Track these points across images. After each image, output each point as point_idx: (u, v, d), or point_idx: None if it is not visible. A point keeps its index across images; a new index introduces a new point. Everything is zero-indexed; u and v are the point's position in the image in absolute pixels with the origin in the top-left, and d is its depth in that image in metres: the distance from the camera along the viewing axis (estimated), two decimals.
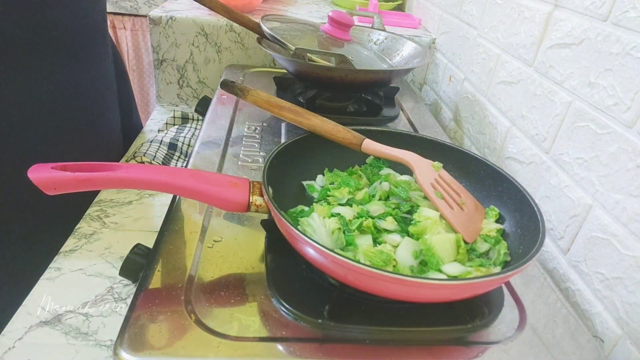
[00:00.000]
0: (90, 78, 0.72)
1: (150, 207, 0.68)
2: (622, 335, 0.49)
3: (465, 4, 0.96)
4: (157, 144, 0.82)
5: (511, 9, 0.77)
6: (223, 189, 0.47)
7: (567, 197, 0.60)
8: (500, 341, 0.43)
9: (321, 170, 0.60)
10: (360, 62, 0.79)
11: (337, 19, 0.83)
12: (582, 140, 0.58)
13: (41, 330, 0.47)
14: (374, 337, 0.42)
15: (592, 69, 0.57)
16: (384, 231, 0.50)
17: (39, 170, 0.41)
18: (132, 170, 0.45)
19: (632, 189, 0.49)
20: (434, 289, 0.39)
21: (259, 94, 0.62)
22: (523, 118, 0.71)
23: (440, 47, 1.11)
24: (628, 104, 0.51)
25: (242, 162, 0.67)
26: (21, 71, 0.58)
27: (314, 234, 0.47)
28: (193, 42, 1.05)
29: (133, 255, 0.50)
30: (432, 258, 0.46)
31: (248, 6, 1.13)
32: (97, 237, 0.61)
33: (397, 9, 1.47)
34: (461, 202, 0.53)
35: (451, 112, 1.01)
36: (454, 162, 0.59)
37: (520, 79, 0.73)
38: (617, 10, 0.53)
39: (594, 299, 0.54)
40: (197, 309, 0.42)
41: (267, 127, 0.78)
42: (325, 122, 0.58)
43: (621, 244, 0.50)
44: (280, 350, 0.40)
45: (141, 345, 0.38)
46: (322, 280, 0.47)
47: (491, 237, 0.51)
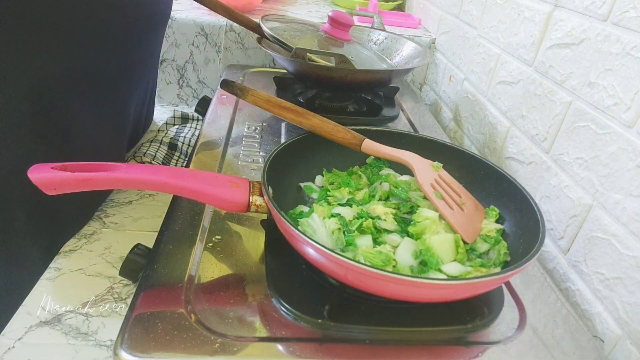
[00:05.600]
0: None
1: (150, 207, 0.68)
2: (622, 335, 0.49)
3: (465, 4, 0.96)
4: (157, 144, 0.82)
5: (511, 9, 0.77)
6: (223, 189, 0.47)
7: (567, 197, 0.60)
8: (500, 341, 0.43)
9: (321, 171, 0.60)
10: (360, 62, 0.79)
11: (337, 19, 0.83)
12: (582, 140, 0.58)
13: (41, 330, 0.47)
14: (373, 337, 0.42)
15: (592, 69, 0.57)
16: (384, 231, 0.50)
17: (38, 170, 0.41)
18: (132, 170, 0.45)
19: (632, 189, 0.49)
20: (434, 289, 0.39)
21: (259, 94, 0.62)
22: (523, 118, 0.71)
23: (440, 47, 1.11)
24: (628, 104, 0.51)
25: (242, 162, 0.67)
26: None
27: (314, 234, 0.47)
28: (193, 42, 1.05)
29: (133, 255, 0.50)
30: (431, 258, 0.46)
31: (248, 6, 1.13)
32: (97, 237, 0.61)
33: (397, 9, 1.47)
34: (461, 203, 0.53)
35: (451, 112, 1.01)
36: (454, 162, 0.59)
37: (520, 79, 0.73)
38: (617, 10, 0.53)
39: (594, 299, 0.54)
40: (197, 309, 0.42)
41: (267, 127, 0.78)
42: (325, 122, 0.58)
43: (621, 244, 0.50)
44: (280, 350, 0.40)
45: (141, 345, 0.38)
46: (322, 280, 0.47)
47: (491, 237, 0.51)
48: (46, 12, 0.47)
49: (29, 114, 0.50)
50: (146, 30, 0.69)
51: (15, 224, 0.53)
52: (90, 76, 0.57)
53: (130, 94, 0.71)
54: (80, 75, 0.55)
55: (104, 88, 0.61)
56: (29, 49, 0.47)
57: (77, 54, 0.53)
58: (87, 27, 0.53)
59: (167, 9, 0.77)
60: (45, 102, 0.51)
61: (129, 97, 0.71)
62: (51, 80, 0.51)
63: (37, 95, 0.50)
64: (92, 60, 0.56)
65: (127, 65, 0.66)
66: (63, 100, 0.53)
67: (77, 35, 0.52)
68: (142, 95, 0.79)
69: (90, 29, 0.54)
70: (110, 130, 0.67)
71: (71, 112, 0.55)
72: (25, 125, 0.50)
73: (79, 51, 0.53)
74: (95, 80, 0.58)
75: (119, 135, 0.71)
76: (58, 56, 0.51)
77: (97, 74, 0.58)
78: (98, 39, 0.56)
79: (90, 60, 0.56)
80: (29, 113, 0.50)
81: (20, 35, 0.46)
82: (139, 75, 0.73)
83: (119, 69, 0.64)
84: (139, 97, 0.77)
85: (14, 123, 0.49)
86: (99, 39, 0.56)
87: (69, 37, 0.51)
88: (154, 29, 0.73)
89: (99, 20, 0.54)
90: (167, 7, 0.76)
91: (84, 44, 0.54)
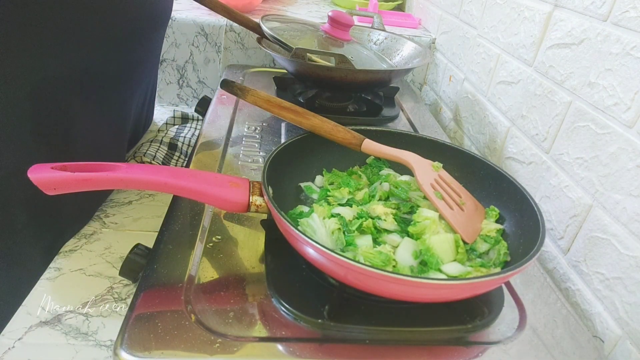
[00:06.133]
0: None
1: (150, 207, 0.68)
2: (622, 335, 0.49)
3: (465, 4, 0.96)
4: (157, 144, 0.82)
5: (511, 9, 0.77)
6: (223, 189, 0.47)
7: (567, 197, 0.60)
8: (500, 341, 0.43)
9: (321, 171, 0.60)
10: (360, 62, 0.79)
11: (337, 19, 0.83)
12: (582, 140, 0.58)
13: (41, 330, 0.47)
14: (373, 337, 0.42)
15: (592, 69, 0.57)
16: (384, 231, 0.50)
17: (38, 170, 0.41)
18: (132, 170, 0.45)
19: (632, 189, 0.49)
20: (434, 288, 0.39)
21: (259, 94, 0.62)
22: (523, 118, 0.71)
23: (440, 47, 1.11)
24: (628, 104, 0.51)
25: (242, 162, 0.67)
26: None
27: (314, 234, 0.47)
28: (193, 42, 1.05)
29: (133, 255, 0.50)
30: (431, 258, 0.46)
31: (248, 6, 1.13)
32: (97, 237, 0.61)
33: (397, 9, 1.47)
34: (461, 203, 0.53)
35: (451, 112, 1.01)
36: (454, 162, 0.59)
37: (520, 79, 0.73)
38: (617, 10, 0.53)
39: (594, 299, 0.54)
40: (197, 309, 0.42)
41: (267, 127, 0.78)
42: (325, 122, 0.58)
43: (621, 244, 0.50)
44: (280, 350, 0.40)
45: (141, 345, 0.38)
46: (322, 280, 0.47)
47: (491, 237, 0.51)
48: (47, 12, 0.47)
49: (30, 114, 0.50)
50: (147, 30, 0.69)
51: (15, 225, 0.53)
52: (91, 76, 0.57)
53: (130, 94, 0.71)
54: (81, 75, 0.55)
55: (105, 88, 0.61)
56: (30, 49, 0.47)
57: (78, 54, 0.53)
58: (88, 27, 0.53)
59: (168, 9, 0.77)
60: (47, 103, 0.51)
61: (130, 97, 0.71)
62: (52, 81, 0.51)
63: (38, 95, 0.50)
64: (93, 61, 0.56)
65: (128, 65, 0.66)
66: (64, 101, 0.53)
67: (78, 36, 0.52)
68: (142, 95, 0.79)
69: (92, 30, 0.54)
70: (111, 131, 0.67)
71: (72, 113, 0.55)
72: (26, 125, 0.50)
73: (80, 51, 0.53)
74: (96, 81, 0.58)
75: (119, 135, 0.71)
76: (59, 57, 0.51)
77: (98, 74, 0.58)
78: (99, 40, 0.56)
79: (91, 60, 0.56)
80: (30, 113, 0.50)
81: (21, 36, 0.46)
82: (140, 75, 0.73)
83: (120, 69, 0.64)
84: (139, 97, 0.77)
85: (15, 123, 0.49)
86: (100, 39, 0.56)
87: (70, 38, 0.51)
88: (155, 29, 0.73)
89: (100, 21, 0.55)
90: (168, 7, 0.77)
91: (85, 44, 0.54)
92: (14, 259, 0.54)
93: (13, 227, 0.53)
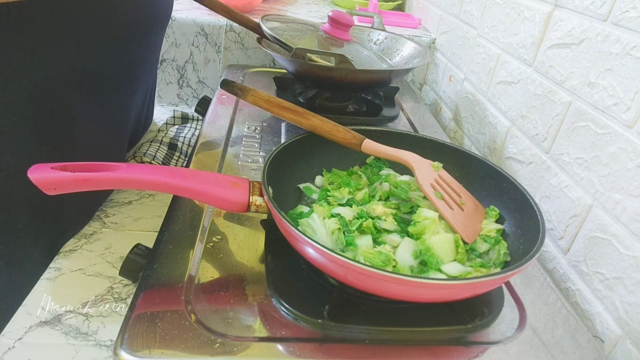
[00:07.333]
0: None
1: (150, 207, 0.68)
2: (622, 335, 0.49)
3: (465, 4, 0.96)
4: (157, 144, 0.82)
5: (511, 9, 0.77)
6: (223, 189, 0.47)
7: (567, 197, 0.60)
8: (500, 341, 0.43)
9: (321, 171, 0.60)
10: (360, 62, 0.79)
11: (337, 19, 0.83)
12: (582, 140, 0.58)
13: (41, 330, 0.47)
14: (373, 337, 0.42)
15: (592, 69, 0.57)
16: (384, 231, 0.50)
17: (38, 170, 0.41)
18: (132, 170, 0.45)
19: (632, 189, 0.49)
20: (434, 288, 0.39)
21: (259, 94, 0.62)
22: (523, 118, 0.71)
23: (440, 47, 1.11)
24: (628, 104, 0.51)
25: (242, 162, 0.67)
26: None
27: (314, 234, 0.47)
28: (193, 42, 1.05)
29: (133, 255, 0.50)
30: (431, 258, 0.46)
31: (248, 6, 1.13)
32: (97, 237, 0.61)
33: (397, 9, 1.47)
34: (461, 203, 0.53)
35: (451, 112, 1.01)
36: (454, 162, 0.59)
37: (520, 78, 0.73)
38: (617, 10, 0.53)
39: (594, 299, 0.54)
40: (197, 309, 0.42)
41: (267, 127, 0.78)
42: (325, 122, 0.58)
43: (621, 244, 0.50)
44: (280, 350, 0.40)
45: (141, 345, 0.38)
46: (322, 280, 0.47)
47: (491, 237, 0.51)
48: (48, 13, 0.47)
49: (30, 114, 0.50)
50: (147, 30, 0.69)
51: (16, 225, 0.53)
52: (91, 76, 0.57)
53: (131, 94, 0.71)
54: (82, 75, 0.55)
55: (105, 88, 0.61)
56: (30, 50, 0.47)
57: (79, 54, 0.53)
58: (88, 27, 0.53)
59: (168, 9, 0.77)
60: (47, 103, 0.51)
61: (130, 97, 0.71)
62: (53, 81, 0.51)
63: (39, 96, 0.50)
64: (94, 61, 0.56)
65: (128, 65, 0.66)
66: (65, 101, 0.54)
67: (79, 36, 0.52)
68: (142, 95, 0.79)
69: (92, 30, 0.54)
70: (111, 131, 0.67)
71: (73, 113, 0.55)
72: (27, 126, 0.50)
73: (81, 52, 0.53)
74: (97, 81, 0.58)
75: (119, 135, 0.71)
76: (60, 57, 0.51)
77: (99, 74, 0.58)
78: (99, 40, 0.56)
79: (91, 60, 0.56)
80: (31, 114, 0.50)
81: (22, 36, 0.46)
82: (140, 75, 0.73)
83: (120, 69, 0.64)
84: (139, 97, 0.77)
85: (15, 124, 0.49)
86: (101, 39, 0.56)
87: (71, 38, 0.51)
88: (155, 29, 0.73)
89: (101, 21, 0.55)
90: (168, 8, 0.77)
91: (86, 44, 0.54)
92: (14, 259, 0.54)
93: (13, 227, 0.53)
